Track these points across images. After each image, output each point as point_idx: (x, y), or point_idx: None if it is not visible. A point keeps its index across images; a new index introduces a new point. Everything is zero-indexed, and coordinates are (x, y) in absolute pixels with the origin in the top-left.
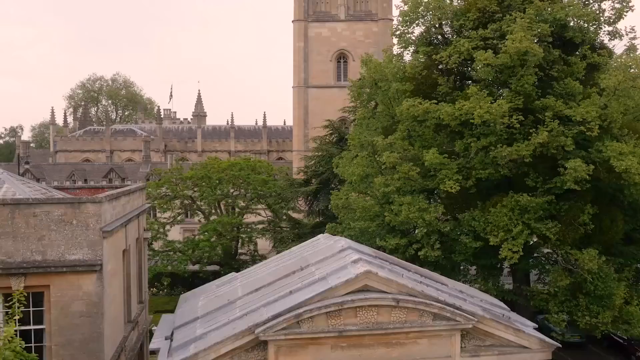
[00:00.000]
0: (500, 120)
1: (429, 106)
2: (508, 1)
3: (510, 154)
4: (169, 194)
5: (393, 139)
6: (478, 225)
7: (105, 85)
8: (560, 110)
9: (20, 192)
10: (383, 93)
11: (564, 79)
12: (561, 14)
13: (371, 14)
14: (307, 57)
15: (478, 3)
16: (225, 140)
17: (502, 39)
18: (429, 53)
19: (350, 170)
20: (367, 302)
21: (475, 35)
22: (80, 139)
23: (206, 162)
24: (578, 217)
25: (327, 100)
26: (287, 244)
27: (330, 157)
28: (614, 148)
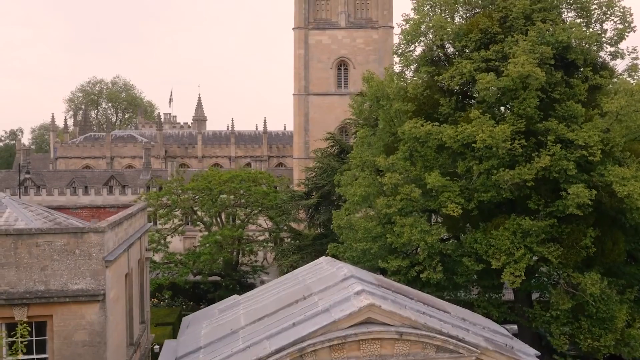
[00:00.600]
0: (503, 144)
1: (431, 128)
2: (510, 22)
3: (513, 178)
4: (169, 204)
5: (395, 159)
6: (480, 248)
7: (105, 89)
8: (562, 134)
9: (23, 217)
10: (384, 112)
11: (566, 101)
12: (563, 36)
13: (371, 21)
14: (308, 65)
15: (480, 24)
16: (225, 145)
17: (504, 61)
18: (431, 73)
19: (352, 190)
20: (371, 336)
21: (477, 57)
22: (80, 146)
23: (207, 173)
24: (580, 240)
25: (327, 107)
26: (288, 257)
27: (331, 170)
28: (617, 173)
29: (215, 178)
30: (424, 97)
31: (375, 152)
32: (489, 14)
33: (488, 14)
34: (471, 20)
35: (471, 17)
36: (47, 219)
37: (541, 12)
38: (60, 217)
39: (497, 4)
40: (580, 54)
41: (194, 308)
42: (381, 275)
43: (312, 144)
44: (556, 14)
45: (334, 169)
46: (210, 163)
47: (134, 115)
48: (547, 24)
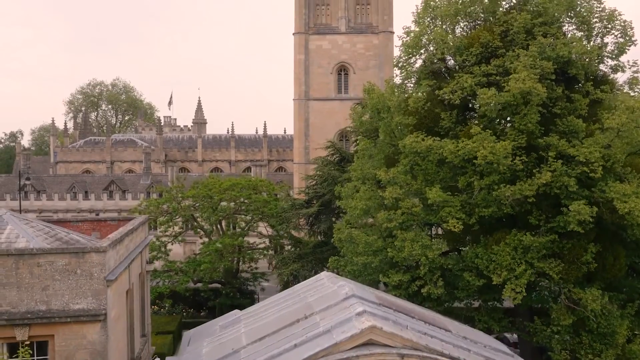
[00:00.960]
0: (504, 161)
1: (432, 143)
2: (511, 36)
3: (514, 194)
4: (170, 211)
5: (395, 172)
6: (481, 263)
7: (105, 91)
8: (563, 149)
9: (24, 234)
10: (385, 124)
11: (567, 116)
12: (564, 51)
13: (372, 27)
14: (308, 70)
15: (481, 38)
16: (225, 149)
17: (506, 76)
18: (432, 87)
19: (353, 204)
20: (372, 358)
21: (479, 71)
22: (80, 150)
23: (207, 181)
24: (581, 256)
25: (328, 112)
26: (288, 265)
27: (332, 179)
28: (618, 189)
29: (216, 186)
30: (425, 110)
31: (376, 164)
32: (490, 27)
33: (489, 27)
34: (472, 33)
35: (472, 30)
36: (48, 235)
37: (542, 27)
38: (61, 232)
39: (498, 17)
40: (581, 68)
41: (194, 315)
42: (383, 289)
43: (313, 149)
44: (557, 27)
45: (334, 178)
46: (210, 167)
47: (134, 118)
48: (548, 39)
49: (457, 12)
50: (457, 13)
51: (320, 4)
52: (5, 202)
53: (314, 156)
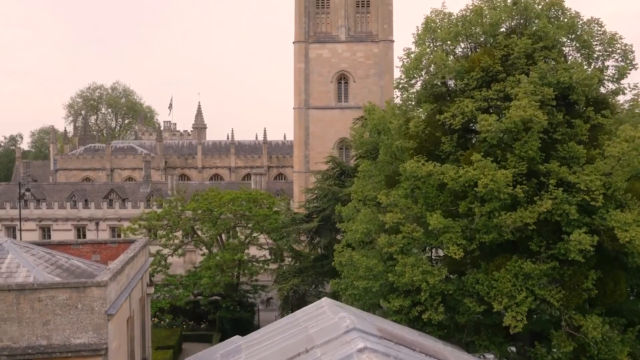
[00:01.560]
0: (505, 190)
1: (433, 168)
2: (512, 60)
3: (515, 222)
4: (170, 224)
5: (396, 196)
6: (482, 289)
7: (105, 94)
8: (564, 176)
9: (24, 263)
10: (386, 146)
11: (568, 141)
12: (565, 77)
13: (372, 35)
14: (308, 78)
15: (482, 62)
16: (225, 156)
17: (506, 101)
18: (433, 110)
19: (354, 227)
20: None
21: (479, 96)
22: (80, 157)
23: (207, 194)
24: (582, 283)
25: (328, 121)
26: (288, 280)
27: (332, 194)
28: (618, 218)
29: (216, 200)
30: (426, 134)
31: (377, 185)
32: (491, 51)
33: (489, 51)
34: (473, 56)
35: (473, 50)
36: (49, 263)
37: (543, 51)
38: (62, 259)
39: (498, 41)
40: (582, 94)
41: (194, 328)
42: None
43: (313, 157)
44: (557, 52)
45: (334, 193)
46: (210, 174)
47: (133, 121)
48: (548, 64)
49: (457, 34)
50: (458, 35)
51: (320, 12)
52: (5, 210)
53: (314, 165)
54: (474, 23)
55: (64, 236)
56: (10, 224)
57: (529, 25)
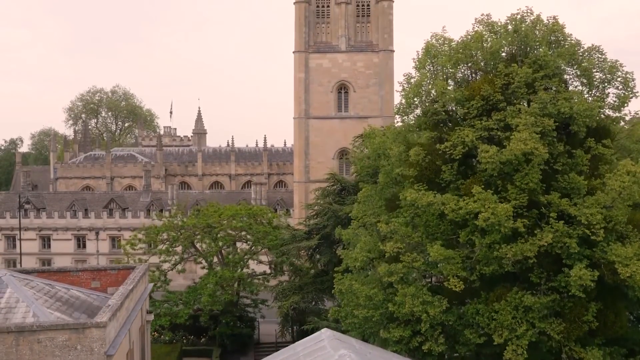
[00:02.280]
0: (506, 223)
1: (433, 199)
2: (512, 88)
3: (515, 255)
4: (170, 239)
5: (396, 223)
6: (482, 321)
7: (105, 98)
8: (564, 209)
9: (24, 298)
10: (386, 171)
11: (568, 172)
12: (565, 108)
13: (372, 45)
14: (308, 88)
15: (482, 90)
16: (225, 163)
17: (507, 131)
18: (433, 138)
19: (354, 255)
20: None
21: (480, 125)
22: (80, 166)
23: (207, 210)
24: (582, 315)
25: (328, 131)
26: (288, 297)
27: (332, 213)
28: (619, 253)
29: (215, 215)
30: (426, 162)
31: (377, 210)
32: (491, 79)
33: (490, 79)
34: (473, 84)
35: (473, 75)
36: (48, 295)
37: (543, 79)
38: (61, 290)
39: (499, 70)
40: (583, 125)
41: (194, 342)
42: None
43: (313, 167)
44: (558, 80)
45: (335, 212)
46: (210, 181)
47: (134, 125)
48: (549, 93)
49: (458, 60)
50: (459, 61)
51: (320, 22)
52: (5, 219)
53: (314, 174)
54: (474, 49)
55: (64, 246)
56: (10, 234)
57: (530, 53)
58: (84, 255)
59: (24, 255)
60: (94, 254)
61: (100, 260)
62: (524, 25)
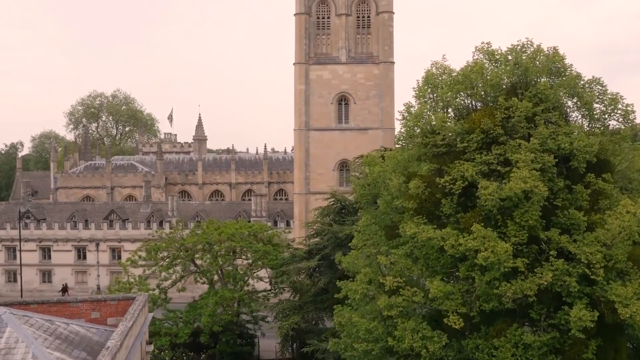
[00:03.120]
0: (505, 263)
1: (433, 234)
2: (513, 122)
3: (515, 293)
4: (169, 256)
5: (396, 255)
6: (481, 357)
7: (105, 102)
8: (564, 246)
9: (23, 337)
10: (386, 201)
11: (569, 207)
12: (566, 144)
13: (372, 57)
14: (308, 100)
15: (482, 124)
16: (226, 172)
17: (507, 166)
18: (433, 171)
19: (353, 287)
20: None
21: (480, 159)
22: (81, 176)
23: (207, 228)
24: (582, 353)
25: (328, 142)
26: (288, 318)
27: (332, 234)
28: (619, 293)
29: (215, 235)
30: (426, 195)
31: (377, 239)
32: (491, 111)
33: (490, 111)
34: (473, 116)
35: (473, 106)
36: (48, 333)
37: (544, 113)
38: (61, 325)
39: (499, 103)
40: (583, 161)
41: (194, 359)
42: None
43: (313, 178)
44: (558, 113)
45: (335, 233)
46: (210, 190)
47: (134, 129)
48: (549, 128)
49: (458, 92)
50: (459, 94)
51: (320, 33)
52: (5, 230)
53: (314, 186)
54: (475, 80)
55: (64, 257)
56: (11, 245)
57: (530, 86)
58: (84, 266)
59: (24, 266)
60: (94, 265)
61: (100, 271)
62: (525, 56)
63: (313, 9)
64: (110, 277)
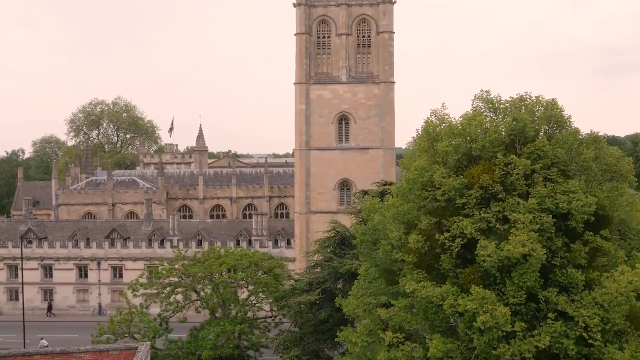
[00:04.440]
0: (504, 327)
1: (432, 292)
2: (511, 179)
3: (514, 355)
4: (170, 284)
5: (396, 308)
6: None
7: (106, 110)
8: (562, 307)
9: None
10: (386, 251)
11: (566, 266)
12: (564, 203)
13: (372, 76)
14: (309, 119)
15: (481, 180)
16: (227, 186)
17: (505, 223)
18: (432, 225)
19: (354, 339)
20: None
21: (479, 216)
22: (82, 192)
23: (208, 259)
24: None
25: (328, 162)
26: (289, 350)
27: (333, 269)
28: (616, 358)
29: (217, 265)
30: (425, 249)
31: (377, 285)
32: (490, 167)
33: (489, 167)
34: (472, 170)
35: (472, 158)
36: None
37: (542, 170)
38: None
39: (498, 159)
40: (581, 221)
41: None
42: None
43: (314, 197)
44: (557, 170)
45: (335, 269)
46: (211, 204)
47: (135, 136)
48: (547, 186)
49: (457, 147)
50: (457, 149)
51: (321, 53)
52: (7, 249)
53: (315, 205)
54: (474, 134)
55: (66, 275)
56: (12, 263)
57: (529, 142)
58: (85, 284)
59: (25, 284)
60: (96, 284)
61: (102, 290)
62: (523, 111)
63: (313, 28)
64: (111, 296)
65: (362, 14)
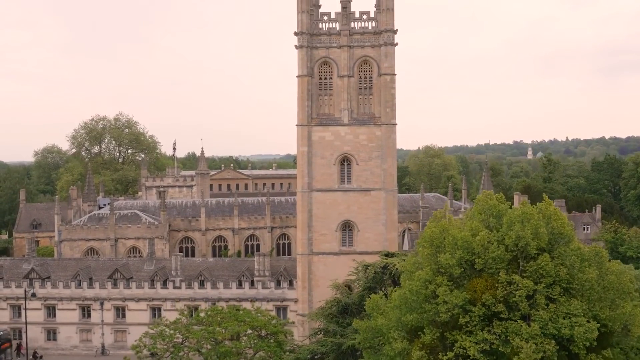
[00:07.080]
0: None
1: None
2: (514, 300)
3: None
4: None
5: None
6: None
7: (108, 126)
8: None
9: None
10: (390, 358)
11: None
12: (566, 329)
13: (374, 118)
14: (311, 161)
15: (484, 298)
16: (229, 217)
17: (507, 344)
18: (435, 338)
19: None
20: None
21: (481, 337)
22: (85, 228)
23: (210, 315)
24: None
25: (330, 203)
26: None
27: (336, 346)
28: None
29: (219, 331)
30: None
31: None
32: (493, 283)
33: (492, 283)
34: (475, 284)
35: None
36: None
37: (544, 290)
38: None
39: (500, 276)
40: (583, 348)
41: None
42: None
43: (316, 239)
44: (559, 289)
45: (339, 345)
46: (214, 235)
47: (137, 151)
48: (550, 308)
49: (460, 259)
50: (460, 262)
51: (323, 94)
52: (10, 289)
53: (317, 246)
54: (476, 249)
55: (69, 315)
56: (16, 303)
57: (530, 261)
58: (88, 324)
59: (29, 324)
60: (99, 324)
61: (105, 330)
62: (525, 230)
63: (315, 70)
64: (114, 336)
65: (364, 56)
